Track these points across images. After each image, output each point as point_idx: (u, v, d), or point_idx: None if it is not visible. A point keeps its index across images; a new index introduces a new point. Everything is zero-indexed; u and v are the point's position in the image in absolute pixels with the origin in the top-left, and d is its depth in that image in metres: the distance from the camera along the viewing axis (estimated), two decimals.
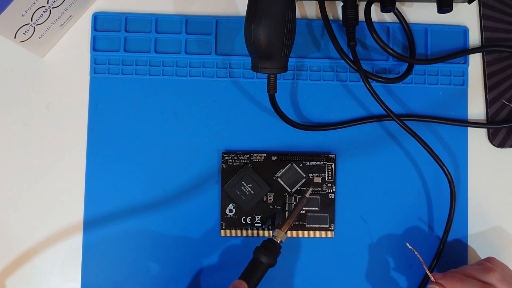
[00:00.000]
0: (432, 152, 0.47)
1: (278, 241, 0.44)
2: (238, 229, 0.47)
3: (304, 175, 0.47)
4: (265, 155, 0.47)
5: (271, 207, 0.47)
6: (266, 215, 0.47)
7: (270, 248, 0.43)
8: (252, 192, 0.47)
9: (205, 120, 0.48)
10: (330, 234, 0.48)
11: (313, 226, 0.47)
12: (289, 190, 0.47)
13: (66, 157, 0.48)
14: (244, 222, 0.47)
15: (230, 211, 0.47)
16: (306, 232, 0.48)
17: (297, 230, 0.47)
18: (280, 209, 0.47)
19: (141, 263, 0.47)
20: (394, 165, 0.49)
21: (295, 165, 0.47)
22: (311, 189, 0.47)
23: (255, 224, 0.47)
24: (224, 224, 0.47)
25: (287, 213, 0.47)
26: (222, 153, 0.47)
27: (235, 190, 0.46)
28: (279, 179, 0.47)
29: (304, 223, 0.47)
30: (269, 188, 0.47)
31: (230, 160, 0.47)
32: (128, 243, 0.47)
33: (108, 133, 0.48)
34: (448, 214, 0.48)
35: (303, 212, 0.47)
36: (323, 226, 0.47)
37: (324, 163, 0.48)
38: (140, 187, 0.47)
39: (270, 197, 0.47)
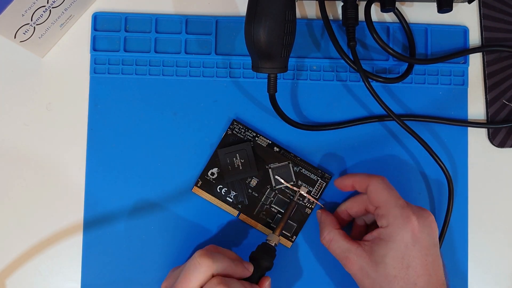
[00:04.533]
0: (431, 151, 0.47)
1: (273, 244, 0.44)
2: (210, 194, 0.47)
3: (294, 179, 0.47)
4: (269, 142, 0.47)
5: (249, 191, 0.47)
6: (241, 195, 0.47)
7: (268, 251, 0.44)
8: (240, 168, 0.47)
9: (205, 120, 0.48)
10: (288, 243, 0.47)
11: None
12: (273, 184, 0.47)
13: (66, 157, 0.48)
14: (219, 191, 0.47)
15: (212, 174, 0.47)
16: (267, 229, 0.47)
17: (262, 225, 0.47)
18: (256, 197, 0.47)
19: (141, 263, 0.47)
20: (394, 165, 0.49)
21: (291, 165, 0.47)
22: (297, 194, 0.47)
23: (227, 198, 0.47)
24: (200, 182, 0.47)
25: (281, 212, 0.47)
26: (233, 120, 0.47)
27: (226, 158, 0.46)
28: (270, 170, 0.47)
29: (271, 221, 0.47)
30: (257, 173, 0.47)
31: (236, 130, 0.47)
32: (128, 243, 0.47)
33: (108, 133, 0.48)
34: (446, 212, 0.48)
35: (275, 211, 0.47)
36: (285, 233, 0.47)
37: (317, 178, 0.48)
38: (140, 187, 0.47)
39: (254, 182, 0.47)
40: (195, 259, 0.39)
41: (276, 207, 0.47)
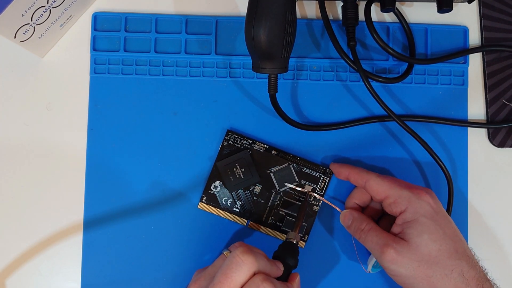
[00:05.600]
0: (431, 151, 0.47)
1: (295, 242, 0.43)
2: (217, 208, 0.47)
3: (297, 179, 0.47)
4: (266, 146, 0.47)
5: (255, 197, 0.47)
6: (247, 204, 0.47)
7: (292, 249, 0.43)
8: (242, 177, 0.47)
9: (205, 120, 0.48)
10: (301, 244, 0.47)
11: (288, 230, 0.47)
12: (277, 188, 0.47)
13: (66, 157, 0.48)
14: (224, 203, 0.47)
15: (215, 187, 0.47)
16: (278, 233, 0.47)
17: (273, 230, 0.47)
18: (262, 203, 0.47)
19: (141, 263, 0.47)
20: (394, 165, 0.49)
21: (291, 166, 0.47)
22: (307, 195, 0.47)
23: (234, 209, 0.47)
24: (204, 197, 0.47)
25: (289, 214, 0.47)
26: (228, 130, 0.47)
27: (226, 169, 0.46)
28: (271, 174, 0.47)
29: (281, 224, 0.47)
30: (259, 179, 0.47)
31: (232, 140, 0.47)
32: (128, 243, 0.47)
33: (108, 133, 0.48)
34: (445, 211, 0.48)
35: (284, 213, 0.47)
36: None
37: (319, 175, 0.48)
38: (140, 187, 0.47)
39: (257, 188, 0.47)
40: (237, 256, 0.37)
41: (284, 210, 0.47)
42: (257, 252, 0.39)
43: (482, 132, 0.50)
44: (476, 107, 0.50)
